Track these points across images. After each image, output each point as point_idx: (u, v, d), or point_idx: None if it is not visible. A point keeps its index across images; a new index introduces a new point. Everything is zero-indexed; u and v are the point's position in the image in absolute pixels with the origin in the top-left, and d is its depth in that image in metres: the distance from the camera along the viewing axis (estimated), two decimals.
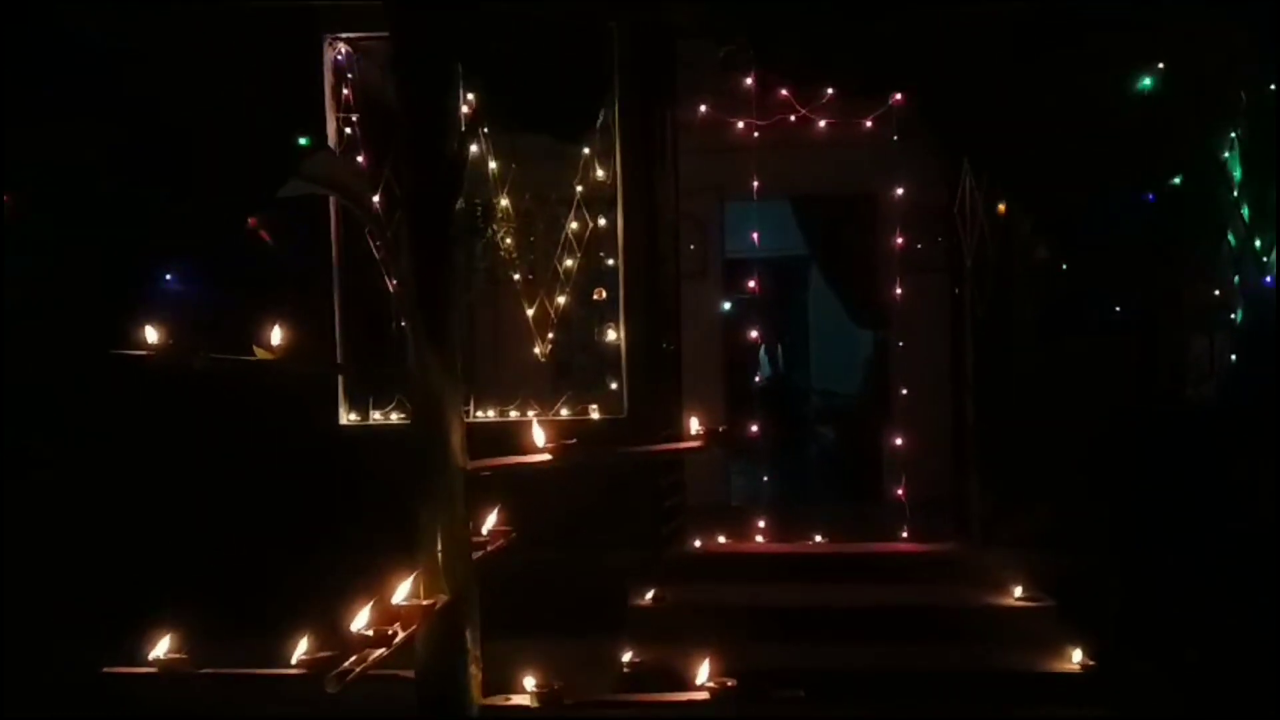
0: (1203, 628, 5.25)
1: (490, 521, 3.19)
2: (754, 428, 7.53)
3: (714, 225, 8.74)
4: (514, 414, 6.53)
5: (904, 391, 7.22)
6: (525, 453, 2.99)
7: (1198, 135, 6.11)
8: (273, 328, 2.68)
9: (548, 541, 5.57)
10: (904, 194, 7.03)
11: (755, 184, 6.77)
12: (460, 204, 6.44)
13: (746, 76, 6.71)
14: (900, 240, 7.06)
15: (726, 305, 8.63)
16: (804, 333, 13.34)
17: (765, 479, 8.05)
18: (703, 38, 5.45)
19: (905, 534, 6.54)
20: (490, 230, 6.79)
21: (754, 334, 7.84)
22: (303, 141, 6.33)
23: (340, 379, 6.49)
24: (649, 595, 5.87)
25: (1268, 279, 6.06)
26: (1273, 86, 5.92)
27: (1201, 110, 6.04)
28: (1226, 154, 6.16)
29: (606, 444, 5.85)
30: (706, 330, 8.38)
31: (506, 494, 3.20)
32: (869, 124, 7.00)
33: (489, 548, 3.06)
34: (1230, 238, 6.27)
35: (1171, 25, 5.31)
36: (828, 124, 7.12)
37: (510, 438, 3.42)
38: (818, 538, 6.67)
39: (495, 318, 7.15)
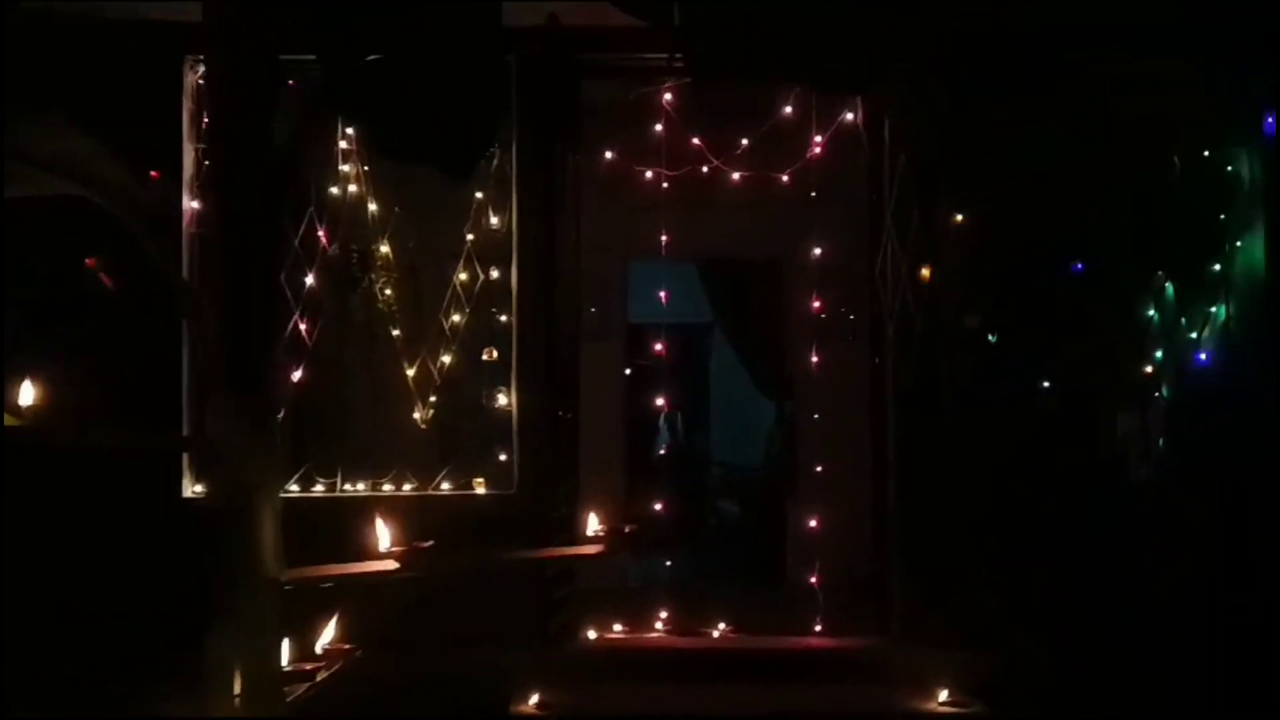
0: None
1: (326, 636, 2.49)
2: (658, 505, 6.96)
3: (617, 287, 8.22)
4: (387, 488, 5.79)
5: (818, 469, 6.68)
6: (370, 552, 2.32)
7: (1122, 203, 5.80)
8: (22, 384, 1.99)
9: (416, 637, 4.85)
10: (820, 256, 6.58)
11: (663, 239, 6.25)
12: (334, 249, 5.79)
13: (657, 123, 6.23)
14: (816, 305, 6.59)
15: (630, 371, 8.12)
16: (706, 402, 12.89)
17: (667, 561, 7.49)
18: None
19: (819, 626, 5.96)
20: (368, 280, 6.10)
21: (660, 402, 7.30)
22: (153, 175, 5.59)
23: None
24: (533, 701, 5.16)
25: (1200, 356, 5.74)
26: (1206, 153, 5.67)
27: (1128, 177, 5.73)
28: (1152, 226, 5.86)
29: (477, 544, 5.20)
30: (606, 397, 7.78)
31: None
32: (785, 179, 6.56)
33: (320, 677, 2.35)
34: (1154, 313, 5.97)
35: (1114, 87, 4.98)
36: (742, 178, 6.66)
37: (379, 515, 2.78)
38: (722, 625, 6.08)
39: (371, 378, 6.43)
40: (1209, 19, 5.10)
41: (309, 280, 5.91)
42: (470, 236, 5.99)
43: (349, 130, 5.33)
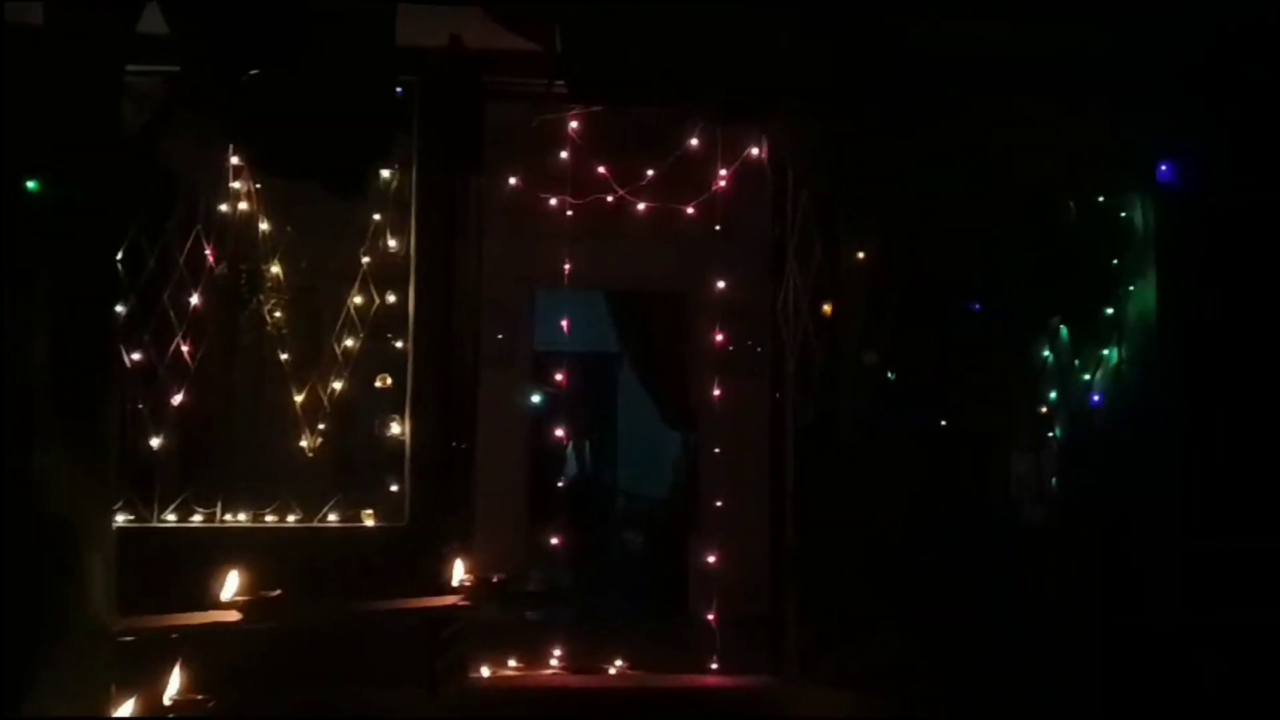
0: None
1: (172, 688, 2.29)
2: (558, 538, 6.84)
3: (524, 315, 8.08)
4: (270, 519, 5.53)
5: (718, 504, 6.62)
6: (214, 600, 2.15)
7: (1018, 245, 5.89)
8: None
9: (285, 679, 4.60)
10: (724, 290, 6.54)
11: (566, 267, 6.15)
12: (222, 268, 5.55)
13: (563, 149, 6.14)
14: (720, 338, 6.55)
15: (536, 399, 7.98)
16: (613, 432, 12.79)
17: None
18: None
19: (715, 664, 5.86)
20: (256, 301, 5.85)
21: (560, 433, 7.19)
22: (30, 186, 5.30)
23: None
24: None
25: (1095, 397, 5.83)
26: (1101, 199, 5.79)
27: (1024, 219, 5.82)
28: (1048, 270, 5.94)
29: (364, 579, 5.01)
30: (510, 426, 7.63)
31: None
32: (691, 210, 6.53)
33: None
34: (1049, 354, 6.05)
35: (1010, 125, 5.04)
36: (647, 208, 6.61)
37: (260, 548, 2.61)
38: (619, 662, 5.96)
39: (259, 404, 6.16)
40: (1105, 68, 5.23)
41: (194, 300, 5.66)
42: (366, 259, 5.80)
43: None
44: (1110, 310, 5.83)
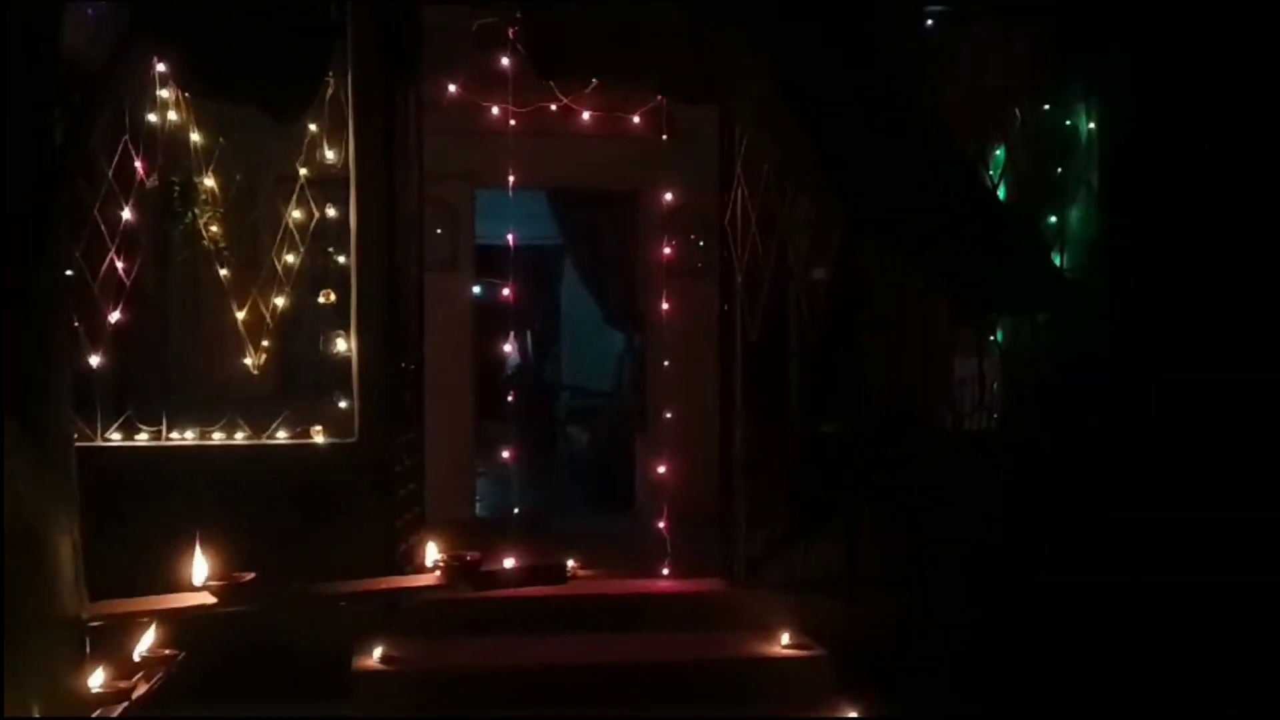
0: (991, 684, 4.95)
1: (144, 644, 2.30)
2: (509, 440, 6.89)
3: (465, 213, 7.94)
4: (218, 436, 5.48)
5: (668, 415, 6.65)
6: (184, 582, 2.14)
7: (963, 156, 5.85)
8: None
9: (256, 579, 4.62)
10: (672, 198, 6.46)
11: (510, 178, 6.02)
12: (153, 181, 5.34)
13: (503, 55, 5.93)
14: (668, 248, 6.51)
15: (477, 289, 7.97)
16: (556, 325, 12.75)
17: (514, 489, 7.41)
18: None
19: (666, 570, 6.00)
20: (191, 215, 5.67)
21: (507, 345, 7.17)
22: None
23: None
24: (376, 655, 5.04)
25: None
26: (1046, 107, 5.79)
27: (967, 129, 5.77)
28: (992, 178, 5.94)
29: (316, 500, 5.01)
30: (455, 326, 7.63)
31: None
32: (636, 120, 6.39)
33: (135, 696, 2.18)
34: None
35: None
36: (592, 117, 6.46)
37: (210, 464, 2.53)
38: (570, 563, 6.05)
39: (198, 320, 6.03)
40: None
41: (125, 214, 5.47)
42: (304, 170, 5.62)
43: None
44: (1054, 219, 5.88)
